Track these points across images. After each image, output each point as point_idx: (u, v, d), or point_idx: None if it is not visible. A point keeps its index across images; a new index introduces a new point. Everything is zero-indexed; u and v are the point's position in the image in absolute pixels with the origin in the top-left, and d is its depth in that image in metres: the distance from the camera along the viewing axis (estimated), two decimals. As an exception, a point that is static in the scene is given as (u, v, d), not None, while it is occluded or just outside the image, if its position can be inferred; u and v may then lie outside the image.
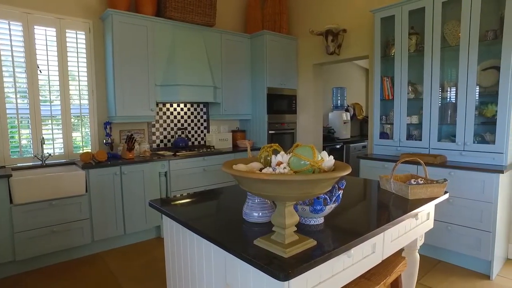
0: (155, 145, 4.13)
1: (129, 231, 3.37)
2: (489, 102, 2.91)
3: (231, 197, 1.90)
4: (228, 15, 4.73)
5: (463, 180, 2.74)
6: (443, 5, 2.98)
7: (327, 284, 1.21)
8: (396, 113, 3.37)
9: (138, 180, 3.41)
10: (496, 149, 2.76)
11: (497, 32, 2.78)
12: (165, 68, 3.80)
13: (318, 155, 0.98)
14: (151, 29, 3.66)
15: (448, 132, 3.21)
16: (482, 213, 2.65)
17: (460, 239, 2.79)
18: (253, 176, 0.92)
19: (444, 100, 3.18)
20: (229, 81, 4.41)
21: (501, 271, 2.78)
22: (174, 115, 4.28)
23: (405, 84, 3.29)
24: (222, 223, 1.45)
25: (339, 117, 5.61)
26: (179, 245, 1.62)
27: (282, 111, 4.63)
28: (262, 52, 4.42)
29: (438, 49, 3.04)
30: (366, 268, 1.42)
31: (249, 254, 1.10)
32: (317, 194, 1.00)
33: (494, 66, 2.84)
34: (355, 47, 4.09)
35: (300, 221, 1.37)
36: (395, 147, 3.40)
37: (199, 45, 4.03)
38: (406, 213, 1.55)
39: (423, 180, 1.91)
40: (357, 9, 4.03)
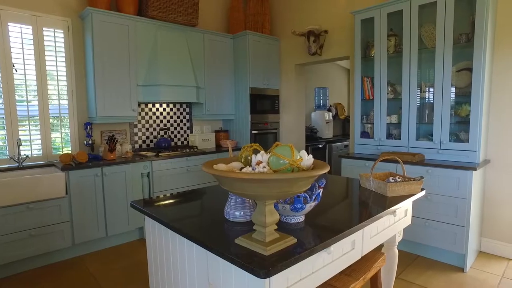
0: (138, 145, 4.09)
1: (111, 233, 3.32)
2: (463, 102, 3.02)
3: (213, 197, 1.91)
4: (211, 15, 4.72)
5: (440, 178, 2.84)
6: (419, 8, 3.08)
7: (307, 280, 1.24)
8: (376, 113, 3.45)
9: (120, 181, 3.36)
10: (469, 147, 2.87)
11: (469, 35, 2.89)
12: (147, 68, 3.76)
13: (297, 154, 1.00)
14: (133, 28, 3.61)
15: (426, 131, 3.31)
16: (457, 209, 2.76)
17: (437, 234, 2.88)
18: (233, 175, 0.93)
19: (422, 100, 3.28)
20: (212, 81, 4.40)
21: (474, 264, 2.90)
22: (156, 116, 4.24)
23: (384, 84, 3.38)
24: (204, 223, 1.45)
25: (322, 117, 5.68)
26: (162, 246, 1.62)
27: (265, 111, 4.66)
28: (245, 52, 4.44)
29: (416, 51, 3.13)
30: (346, 264, 1.46)
31: (230, 253, 1.11)
32: (297, 193, 1.02)
33: (467, 67, 2.95)
34: (337, 48, 4.16)
35: (281, 219, 1.40)
36: (376, 146, 3.49)
37: (181, 45, 4.01)
38: (384, 210, 1.60)
39: (400, 178, 1.98)
40: (338, 11, 4.10)
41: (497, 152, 3.04)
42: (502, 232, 3.03)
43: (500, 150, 3.02)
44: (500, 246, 3.04)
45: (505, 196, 3.01)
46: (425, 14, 3.13)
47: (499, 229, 3.05)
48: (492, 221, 3.08)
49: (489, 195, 3.09)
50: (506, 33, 2.92)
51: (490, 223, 3.09)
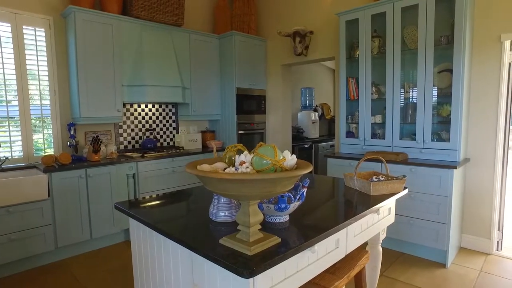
0: (123, 146, 4.03)
1: (96, 236, 3.26)
2: (444, 103, 3.10)
3: (199, 198, 1.90)
4: (197, 15, 4.70)
5: (423, 176, 2.90)
6: (402, 10, 3.14)
7: (292, 279, 1.25)
8: (361, 113, 3.50)
9: (105, 182, 3.31)
10: (450, 146, 2.95)
11: (449, 37, 2.96)
12: (132, 68, 3.72)
13: (280, 154, 1.01)
14: (117, 28, 3.56)
15: (409, 131, 3.37)
16: (439, 206, 2.82)
17: (420, 231, 2.94)
18: (215, 176, 0.93)
19: (405, 101, 3.34)
20: (198, 82, 4.38)
21: (455, 259, 2.98)
22: (142, 116, 4.20)
23: (369, 85, 3.43)
24: (189, 224, 1.45)
25: (308, 117, 5.73)
26: (146, 248, 1.60)
27: (251, 111, 4.66)
28: (231, 52, 4.44)
29: (399, 52, 3.19)
30: (331, 263, 1.48)
31: (214, 253, 1.11)
32: (280, 192, 1.03)
33: (448, 69, 3.02)
34: (322, 49, 4.20)
35: (265, 219, 1.41)
36: (361, 146, 3.54)
37: (167, 45, 3.98)
38: (368, 209, 1.63)
39: (384, 177, 2.01)
40: (324, 12, 4.15)
41: (476, 151, 3.12)
42: (481, 228, 3.12)
43: (479, 149, 3.11)
44: (479, 242, 3.13)
45: (484, 194, 3.09)
46: (408, 16, 3.19)
47: (478, 225, 3.14)
48: (472, 218, 3.17)
49: (469, 192, 3.18)
50: (483, 37, 3.01)
51: (470, 219, 3.18)
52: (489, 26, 2.97)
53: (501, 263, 2.91)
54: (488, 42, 2.99)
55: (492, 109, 3.03)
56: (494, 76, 2.99)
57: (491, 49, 2.98)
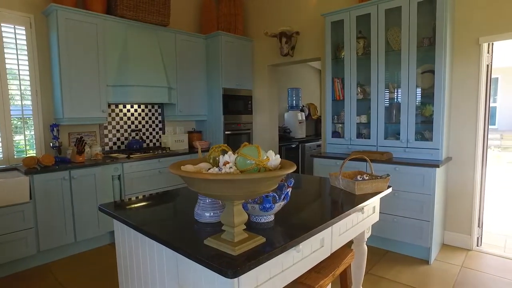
0: (108, 147, 3.98)
1: (80, 238, 3.21)
2: (427, 103, 3.16)
3: (185, 199, 1.89)
4: (183, 15, 4.67)
5: (407, 175, 2.96)
6: (386, 12, 3.19)
7: (277, 279, 1.26)
8: (347, 113, 3.55)
9: (90, 184, 3.26)
10: (433, 145, 3.01)
11: (431, 39, 3.03)
12: (117, 68, 3.67)
13: (263, 154, 1.01)
14: (102, 27, 3.51)
15: (393, 131, 3.43)
16: (423, 204, 2.88)
17: (405, 229, 3.00)
18: (199, 176, 0.93)
19: (389, 101, 3.40)
20: (184, 82, 4.35)
21: (438, 256, 3.05)
22: (127, 117, 4.14)
23: (354, 85, 3.47)
24: (174, 225, 1.44)
25: (295, 117, 5.76)
26: (131, 250, 1.59)
27: (238, 111, 4.66)
28: (217, 53, 4.43)
29: (383, 53, 3.24)
30: (316, 262, 1.49)
31: (199, 254, 1.11)
32: (264, 192, 1.04)
33: (430, 70, 3.09)
34: (308, 49, 4.23)
35: (250, 219, 1.41)
36: (346, 146, 3.58)
37: (152, 45, 3.94)
38: (352, 208, 1.65)
39: (368, 176, 2.04)
40: (310, 13, 4.18)
41: (458, 150, 3.20)
42: (463, 225, 3.20)
43: (460, 148, 3.19)
44: (460, 238, 3.21)
45: (465, 192, 3.18)
46: (391, 18, 3.24)
47: (460, 222, 3.21)
48: (454, 215, 3.25)
49: (451, 190, 3.25)
50: (463, 39, 3.09)
51: (452, 217, 3.26)
52: (468, 29, 3.05)
53: (481, 258, 2.99)
54: (468, 45, 3.07)
55: (472, 109, 3.11)
56: (473, 77, 3.07)
57: (471, 51, 3.06)
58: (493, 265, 2.87)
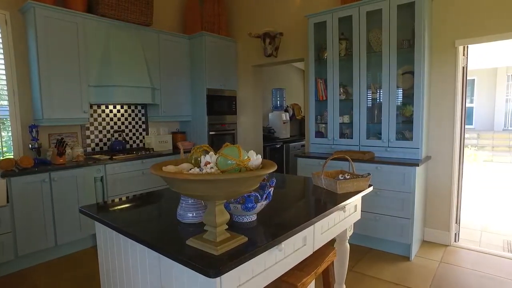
0: (90, 149, 3.90)
1: (61, 242, 3.14)
2: (407, 103, 3.24)
3: (168, 200, 1.88)
4: (166, 15, 4.63)
5: (388, 174, 3.02)
6: (367, 14, 3.25)
7: (260, 277, 1.27)
8: (330, 113, 3.60)
9: (71, 186, 3.19)
10: (413, 144, 3.09)
11: (411, 41, 3.11)
12: (99, 68, 3.61)
13: (245, 154, 1.03)
14: (82, 26, 3.45)
15: (375, 130, 3.50)
16: (403, 202, 2.95)
17: (386, 227, 3.07)
18: (180, 176, 0.94)
19: (371, 101, 3.47)
20: (168, 82, 4.32)
21: (418, 252, 3.13)
22: (110, 117, 4.08)
23: (337, 86, 3.52)
24: (156, 226, 1.43)
25: (279, 118, 5.79)
26: (113, 252, 1.57)
27: (222, 112, 4.66)
28: (201, 53, 4.41)
29: (365, 54, 3.30)
30: (298, 260, 1.51)
31: (181, 254, 1.11)
32: (246, 192, 1.05)
33: (410, 71, 3.17)
34: (292, 50, 4.27)
35: (233, 219, 1.42)
36: (330, 145, 3.63)
37: (135, 45, 3.89)
38: (334, 207, 1.68)
39: (349, 175, 2.08)
40: (293, 14, 4.21)
41: (437, 149, 3.30)
42: (441, 222, 3.30)
43: (439, 147, 3.28)
44: (439, 234, 3.31)
45: (443, 189, 3.27)
46: (373, 20, 3.30)
47: (439, 219, 3.31)
48: (433, 212, 3.34)
49: (431, 188, 3.35)
50: (440, 42, 3.18)
51: (432, 214, 3.35)
52: (445, 32, 3.15)
53: (458, 253, 3.09)
54: (445, 47, 3.17)
55: (450, 110, 3.21)
56: (450, 78, 3.17)
57: (448, 53, 3.16)
58: (469, 259, 2.97)
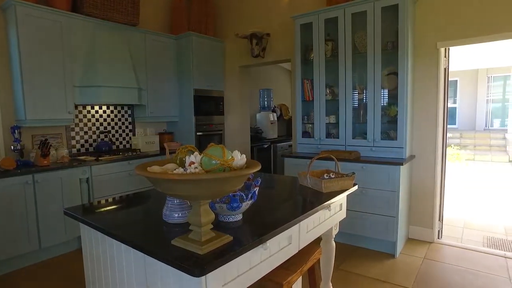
0: (75, 150, 3.85)
1: (46, 245, 3.08)
2: (392, 103, 3.30)
3: (154, 200, 1.88)
4: (153, 15, 4.60)
5: (373, 173, 3.08)
6: (352, 16, 3.30)
7: (245, 276, 1.28)
8: (316, 114, 3.64)
9: (55, 188, 3.14)
10: (398, 144, 3.15)
11: (395, 43, 3.17)
12: (84, 68, 3.56)
13: (229, 154, 1.04)
14: (67, 25, 3.40)
15: (361, 130, 3.55)
16: (388, 201, 3.01)
17: (372, 225, 3.12)
18: (164, 177, 0.94)
19: (357, 101, 3.52)
20: (155, 83, 4.29)
21: (403, 249, 3.20)
22: (96, 118, 4.03)
23: (323, 86, 3.57)
24: (142, 227, 1.43)
25: (266, 118, 5.82)
26: (99, 254, 1.56)
27: (209, 112, 4.66)
28: (188, 53, 4.40)
29: (350, 55, 3.35)
30: (284, 259, 1.53)
31: (166, 254, 1.12)
32: (230, 192, 1.06)
33: (394, 72, 3.23)
34: (279, 51, 4.29)
35: (219, 219, 1.43)
36: (316, 145, 3.67)
37: (121, 45, 3.86)
38: (319, 206, 1.70)
39: (334, 174, 2.11)
40: (280, 15, 4.24)
41: (421, 149, 3.37)
42: (425, 219, 3.38)
43: (423, 146, 3.36)
44: (423, 232, 3.38)
45: (427, 188, 3.35)
46: (358, 22, 3.35)
47: (423, 216, 3.39)
48: (417, 210, 3.42)
49: (415, 187, 3.42)
50: (423, 44, 3.26)
51: (416, 212, 3.42)
52: (428, 34, 3.23)
53: (441, 250, 3.17)
54: (427, 49, 3.24)
55: (433, 110, 3.29)
56: (433, 79, 3.25)
57: (430, 55, 3.24)
58: (451, 255, 3.05)
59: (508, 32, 2.85)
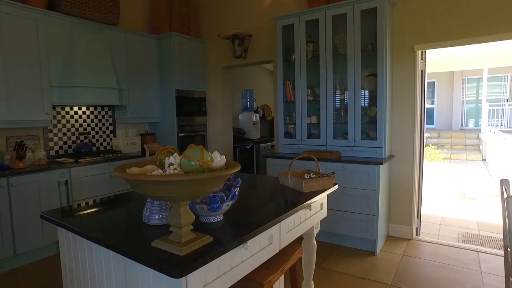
0: (54, 152, 3.75)
1: (21, 251, 2.99)
2: (371, 104, 3.38)
3: (135, 202, 1.86)
4: (134, 15, 4.53)
5: (354, 172, 3.13)
6: (333, 18, 3.36)
7: (226, 276, 1.29)
8: (298, 114, 3.67)
9: (32, 191, 3.05)
10: (377, 144, 3.23)
11: (374, 45, 3.25)
12: (62, 68, 3.48)
13: (208, 155, 1.04)
14: (43, 23, 3.30)
15: (342, 131, 3.61)
16: (368, 200, 3.08)
17: (353, 224, 3.18)
18: (142, 178, 0.94)
19: (338, 102, 3.58)
20: (136, 83, 4.24)
21: (383, 247, 3.27)
22: (75, 119, 3.94)
23: (304, 87, 3.61)
24: (122, 229, 1.42)
25: (249, 119, 5.83)
26: (77, 258, 1.53)
27: (192, 113, 4.63)
28: (170, 54, 4.36)
29: (331, 57, 3.41)
30: (265, 259, 1.54)
31: (146, 256, 1.11)
32: (210, 192, 1.07)
33: (374, 73, 3.30)
34: (261, 52, 4.32)
35: (200, 220, 1.43)
36: (298, 146, 3.71)
37: (101, 44, 3.79)
38: (299, 205, 1.73)
39: (315, 174, 2.15)
40: (262, 16, 4.26)
41: (399, 148, 3.46)
42: (404, 217, 3.47)
43: (401, 146, 3.45)
44: (402, 229, 3.48)
45: (406, 186, 3.44)
46: (338, 24, 3.41)
47: (402, 214, 3.48)
48: (397, 208, 3.50)
49: (394, 185, 3.51)
50: (401, 46, 3.35)
51: (396, 210, 3.51)
52: (405, 37, 3.32)
53: (420, 246, 3.27)
54: (405, 51, 3.34)
55: (411, 111, 3.38)
56: (410, 81, 3.35)
57: (407, 57, 3.33)
58: (429, 251, 3.15)
59: (481, 37, 2.97)
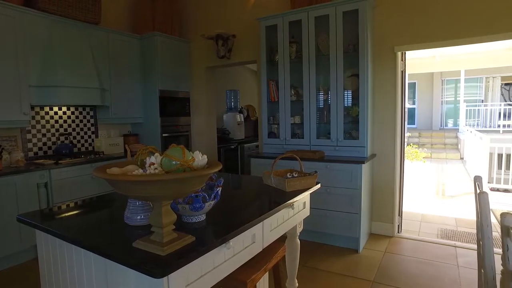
0: (32, 153, 3.65)
1: (-2, 255, 2.90)
2: (354, 104, 3.44)
3: (117, 203, 1.84)
4: (116, 14, 4.46)
5: (337, 172, 3.18)
6: (315, 19, 3.40)
7: (209, 276, 1.29)
8: (281, 114, 3.70)
9: (9, 194, 2.96)
10: (359, 143, 3.29)
11: (356, 46, 3.31)
12: (41, 67, 3.39)
13: (189, 155, 1.04)
14: (20, 21, 3.21)
15: (325, 130, 3.66)
16: (351, 198, 3.13)
17: (336, 222, 3.22)
18: (122, 178, 0.93)
19: (321, 102, 3.62)
20: (118, 83, 4.17)
21: (366, 245, 3.33)
22: (55, 120, 3.85)
23: (288, 87, 3.64)
24: (103, 230, 1.40)
25: (233, 119, 5.83)
26: (56, 262, 1.50)
27: (176, 113, 4.60)
28: (153, 54, 4.32)
29: (314, 57, 3.45)
30: (248, 257, 1.55)
31: (127, 257, 1.10)
32: (191, 192, 1.07)
33: (356, 74, 3.36)
34: (244, 52, 4.32)
35: (182, 220, 1.43)
36: (282, 145, 3.73)
37: (82, 43, 3.71)
38: (281, 204, 1.74)
39: (297, 173, 2.17)
40: (246, 16, 4.27)
41: (381, 147, 3.53)
42: (386, 215, 3.54)
43: (383, 145, 3.52)
44: (384, 227, 3.55)
45: (387, 185, 3.52)
46: (321, 25, 3.46)
47: (384, 212, 3.55)
48: (379, 207, 3.57)
49: (377, 184, 3.58)
50: (382, 47, 3.42)
51: (378, 208, 3.58)
52: (385, 38, 3.40)
53: (401, 243, 3.35)
54: (386, 52, 3.41)
55: (392, 111, 3.46)
56: (391, 82, 3.42)
57: (388, 58, 3.41)
58: (409, 247, 3.24)
59: (458, 39, 3.07)
